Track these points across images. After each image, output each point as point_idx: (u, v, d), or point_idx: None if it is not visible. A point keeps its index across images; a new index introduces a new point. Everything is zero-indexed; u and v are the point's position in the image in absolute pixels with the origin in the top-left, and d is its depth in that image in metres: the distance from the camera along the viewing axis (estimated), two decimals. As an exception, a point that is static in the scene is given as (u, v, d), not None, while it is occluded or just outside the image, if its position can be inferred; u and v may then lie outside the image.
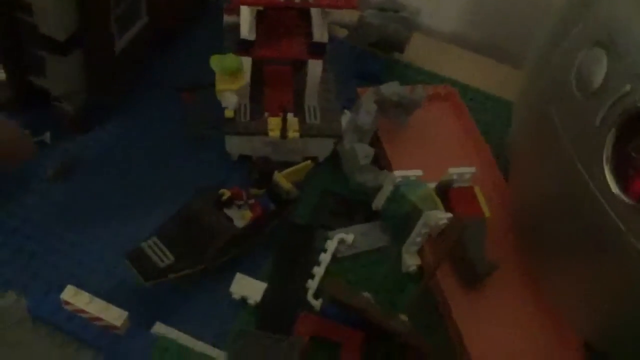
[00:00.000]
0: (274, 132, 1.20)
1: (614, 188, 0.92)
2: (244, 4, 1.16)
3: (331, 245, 1.17)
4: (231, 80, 1.17)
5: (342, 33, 1.44)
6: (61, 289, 1.09)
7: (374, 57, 1.42)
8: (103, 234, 1.19)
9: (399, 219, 1.17)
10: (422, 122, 1.32)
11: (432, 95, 1.35)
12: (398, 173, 1.15)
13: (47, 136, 1.26)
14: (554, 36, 1.09)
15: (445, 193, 1.18)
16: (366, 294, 1.10)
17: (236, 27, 1.28)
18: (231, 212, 1.15)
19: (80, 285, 1.10)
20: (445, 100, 1.37)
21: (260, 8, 1.19)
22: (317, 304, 1.12)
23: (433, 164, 1.21)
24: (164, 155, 1.29)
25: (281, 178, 1.16)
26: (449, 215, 1.12)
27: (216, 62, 1.16)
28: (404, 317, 1.08)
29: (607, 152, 0.94)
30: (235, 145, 1.25)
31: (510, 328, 1.13)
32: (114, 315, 1.07)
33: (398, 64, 1.45)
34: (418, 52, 1.45)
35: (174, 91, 1.28)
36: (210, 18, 1.48)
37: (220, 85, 1.17)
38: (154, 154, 1.29)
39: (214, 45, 1.33)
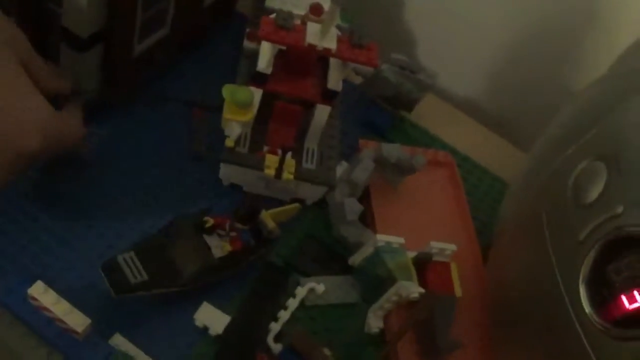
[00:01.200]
0: (270, 171, 1.21)
1: (587, 307, 0.93)
2: (267, 40, 1.17)
3: (301, 292, 1.19)
4: (240, 111, 1.17)
5: (357, 80, 1.45)
6: (33, 281, 1.09)
7: (383, 110, 1.43)
8: (87, 234, 1.20)
9: (372, 281, 1.18)
10: (414, 185, 1.33)
11: (430, 160, 1.36)
12: (381, 237, 1.16)
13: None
14: (561, 138, 1.10)
15: (422, 265, 1.20)
16: (327, 351, 1.11)
17: (254, 55, 1.29)
18: (211, 240, 1.16)
19: (52, 280, 1.11)
20: (442, 167, 1.38)
21: (283, 47, 1.19)
22: (275, 347, 1.13)
23: (416, 232, 1.22)
24: (157, 166, 1.30)
25: (267, 217, 1.18)
26: (421, 290, 1.13)
27: (228, 92, 1.17)
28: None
29: (585, 270, 0.95)
30: (229, 173, 1.26)
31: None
32: (77, 321, 1.08)
33: (404, 121, 1.46)
34: (427, 112, 1.46)
35: (182, 104, 1.30)
36: (232, 31, 1.49)
37: (227, 114, 1.18)
38: (147, 164, 1.29)
39: (230, 62, 1.39)
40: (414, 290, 1.13)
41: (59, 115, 1.09)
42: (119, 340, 1.10)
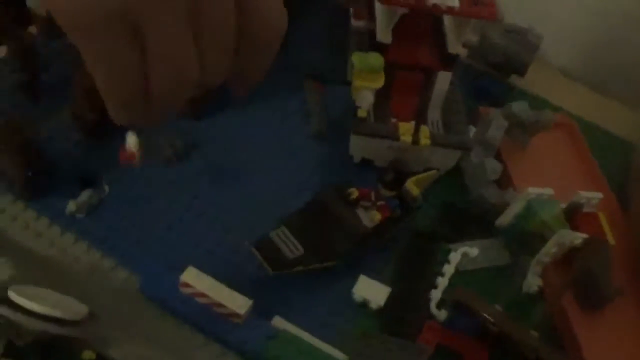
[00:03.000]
0: (406, 137, 1.17)
1: None
2: (392, 3, 1.14)
3: (455, 257, 1.15)
4: (371, 78, 1.15)
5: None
6: (175, 270, 1.05)
7: (494, 78, 1.41)
8: (222, 219, 1.17)
9: (525, 238, 1.15)
10: (540, 145, 1.30)
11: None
12: (532, 190, 1.13)
13: None
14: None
15: (572, 217, 1.16)
16: (497, 307, 1.07)
17: (364, 31, 1.27)
18: (358, 212, 1.12)
19: (197, 266, 1.06)
20: (562, 127, 1.36)
21: (405, 11, 1.17)
22: (440, 314, 1.09)
23: (555, 188, 1.18)
24: (284, 148, 1.28)
25: (411, 184, 1.14)
26: (585, 235, 1.10)
27: (359, 58, 1.15)
28: (534, 334, 1.05)
29: None
30: (360, 147, 1.23)
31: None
32: (238, 303, 1.03)
33: (514, 89, 1.43)
34: (533, 80, 1.44)
35: (297, 81, 1.31)
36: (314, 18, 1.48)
37: (359, 82, 1.15)
38: (273, 145, 1.27)
39: (322, 44, 1.39)
40: (577, 236, 1.09)
41: None
42: (279, 322, 1.06)
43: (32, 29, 1.27)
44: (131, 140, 1.11)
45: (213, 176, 1.21)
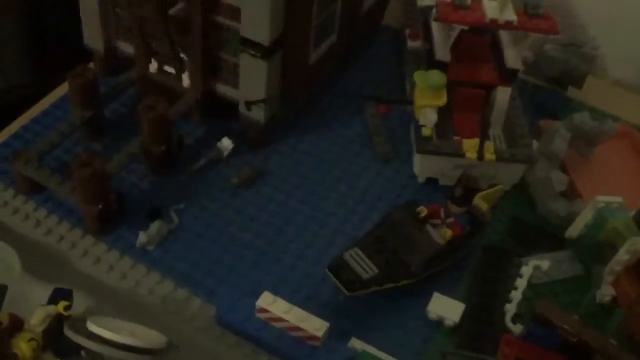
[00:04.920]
0: (471, 154, 1.17)
1: None
2: (447, 21, 1.15)
3: (527, 270, 1.15)
4: (433, 96, 1.15)
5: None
6: (250, 297, 1.05)
7: (552, 92, 1.40)
8: (292, 244, 1.17)
9: (596, 247, 1.14)
10: (604, 158, 1.30)
11: (613, 133, 1.33)
12: (601, 198, 1.13)
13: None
14: None
15: (640, 223, 1.15)
16: (576, 317, 1.06)
17: (421, 51, 1.28)
18: (428, 230, 1.12)
19: (276, 286, 1.08)
20: (624, 137, 1.35)
21: (464, 28, 1.17)
22: (515, 328, 1.08)
23: (623, 196, 1.17)
24: (348, 171, 1.28)
25: (479, 200, 1.14)
26: (659, 239, 1.09)
27: (421, 77, 1.15)
28: (612, 342, 1.04)
29: None
30: (425, 166, 1.23)
31: None
32: (315, 326, 1.03)
33: (571, 102, 1.43)
34: (590, 92, 1.44)
35: (357, 106, 1.33)
36: (380, 43, 1.50)
37: (421, 100, 1.16)
38: (338, 169, 1.29)
39: (386, 70, 1.39)
40: (653, 242, 1.08)
41: None
42: (357, 343, 1.05)
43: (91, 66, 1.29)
44: None
45: (281, 203, 1.22)
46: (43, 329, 0.97)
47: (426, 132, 1.19)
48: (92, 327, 0.97)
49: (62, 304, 0.99)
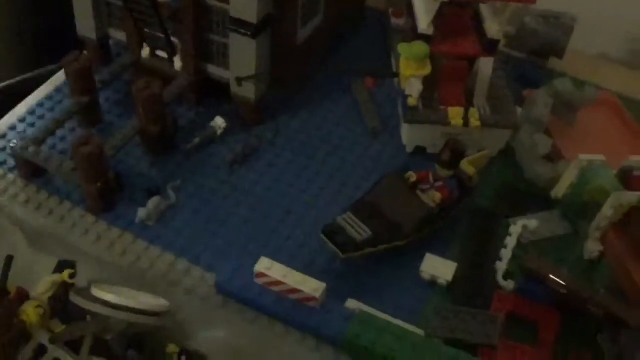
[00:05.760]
0: (457, 121, 1.21)
1: None
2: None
3: (516, 229, 1.18)
4: (418, 66, 1.19)
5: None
6: (248, 266, 1.08)
7: (534, 64, 1.44)
8: (287, 216, 1.21)
9: (582, 205, 1.17)
10: (586, 123, 1.34)
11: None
12: (584, 157, 1.16)
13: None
14: None
15: (625, 181, 1.18)
16: (564, 270, 1.09)
17: (405, 28, 1.32)
18: (419, 194, 1.16)
19: (273, 255, 1.10)
20: (606, 104, 1.39)
21: (446, 0, 1.21)
22: (507, 284, 1.12)
23: (605, 156, 1.21)
24: (339, 145, 1.32)
25: (466, 164, 1.17)
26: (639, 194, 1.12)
27: (405, 48, 1.19)
28: (602, 291, 1.07)
29: None
30: (413, 135, 1.27)
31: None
32: (313, 287, 1.06)
33: (553, 73, 1.47)
34: (571, 64, 1.47)
35: (347, 84, 1.37)
36: (366, 25, 1.55)
37: (407, 71, 1.19)
38: (329, 145, 1.32)
39: (373, 50, 1.43)
40: (633, 195, 1.12)
41: None
42: (353, 304, 1.08)
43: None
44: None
45: (274, 178, 1.26)
46: (49, 297, 1.01)
47: (412, 102, 1.23)
48: (97, 292, 1.01)
49: (67, 272, 1.03)
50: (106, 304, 0.99)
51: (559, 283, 1.06)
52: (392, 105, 1.36)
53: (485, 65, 1.27)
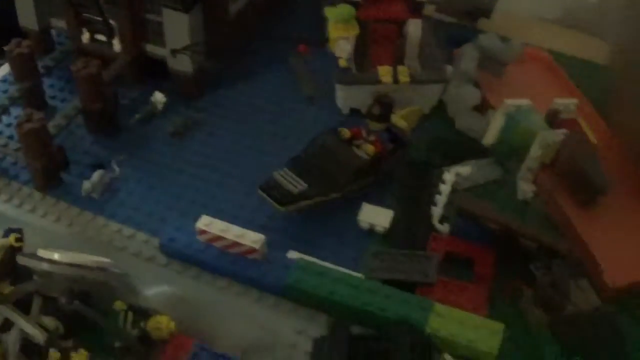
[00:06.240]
0: (387, 78, 1.25)
1: None
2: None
3: (449, 176, 1.20)
4: (345, 28, 1.23)
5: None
6: (191, 227, 1.11)
7: (464, 26, 1.49)
8: (227, 179, 1.25)
9: (512, 148, 1.21)
10: (516, 78, 1.38)
11: (525, 56, 1.41)
12: (510, 101, 1.20)
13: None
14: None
15: (552, 123, 1.23)
16: (495, 208, 1.13)
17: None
18: (353, 149, 1.20)
19: (215, 217, 1.13)
20: (537, 59, 1.43)
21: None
22: (443, 228, 1.15)
23: (533, 102, 1.25)
24: (276, 113, 1.36)
25: (398, 118, 1.21)
26: (564, 131, 1.16)
27: (332, 11, 1.24)
28: (532, 224, 1.11)
29: None
30: (346, 97, 1.31)
31: (633, 234, 1.16)
32: (253, 239, 1.09)
33: (484, 34, 1.50)
34: (499, 24, 1.52)
35: (283, 54, 1.41)
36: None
37: (334, 33, 1.24)
38: (267, 112, 1.36)
39: (310, 19, 1.46)
40: (557, 134, 1.16)
41: None
42: (294, 255, 1.12)
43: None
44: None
45: (215, 147, 1.30)
46: (-3, 261, 1.03)
47: (342, 62, 1.27)
48: (42, 252, 1.04)
49: (13, 236, 1.06)
50: (51, 261, 1.02)
51: (490, 218, 1.10)
52: (328, 72, 1.39)
53: (414, 27, 1.32)
